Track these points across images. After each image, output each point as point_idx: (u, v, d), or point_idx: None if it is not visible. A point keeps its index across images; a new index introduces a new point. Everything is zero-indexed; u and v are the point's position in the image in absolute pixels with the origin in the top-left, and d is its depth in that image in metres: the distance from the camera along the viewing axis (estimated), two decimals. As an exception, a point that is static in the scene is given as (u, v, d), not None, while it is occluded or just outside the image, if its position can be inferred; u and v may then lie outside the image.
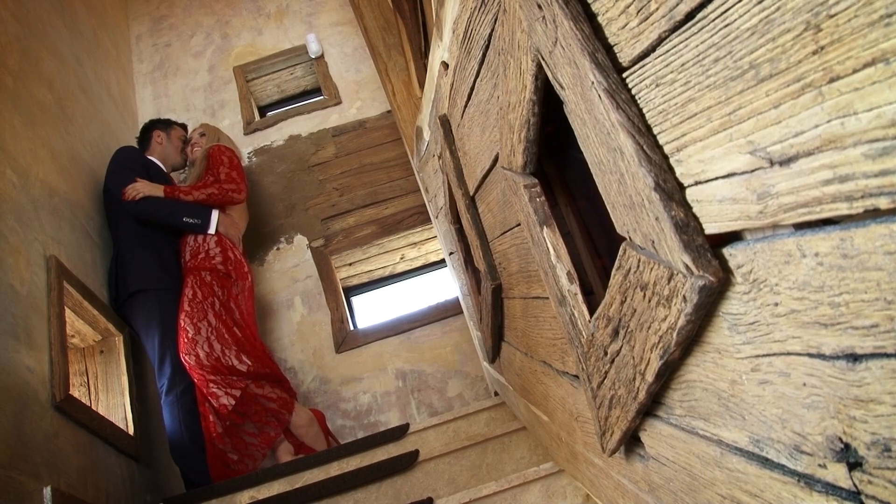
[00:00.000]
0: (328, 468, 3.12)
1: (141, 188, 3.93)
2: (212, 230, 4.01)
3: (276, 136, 5.51)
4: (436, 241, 5.08)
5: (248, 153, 5.34)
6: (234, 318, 3.85)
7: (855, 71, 0.53)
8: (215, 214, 4.06)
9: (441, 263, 5.36)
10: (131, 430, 3.47)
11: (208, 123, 4.85)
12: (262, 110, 6.09)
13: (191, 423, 3.60)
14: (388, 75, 4.66)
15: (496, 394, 3.40)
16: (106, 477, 3.05)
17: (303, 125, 5.53)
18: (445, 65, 2.23)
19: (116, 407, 3.59)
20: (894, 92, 0.50)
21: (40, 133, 3.48)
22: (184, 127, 4.69)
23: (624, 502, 1.43)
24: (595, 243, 1.54)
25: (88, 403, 3.47)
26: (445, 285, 5.37)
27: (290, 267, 5.01)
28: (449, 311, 4.67)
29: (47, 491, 2.35)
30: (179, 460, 3.59)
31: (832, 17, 0.54)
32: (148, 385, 3.89)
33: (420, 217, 4.95)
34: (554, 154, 1.61)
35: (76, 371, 3.62)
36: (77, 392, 3.55)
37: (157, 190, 3.97)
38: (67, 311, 3.22)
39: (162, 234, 4.00)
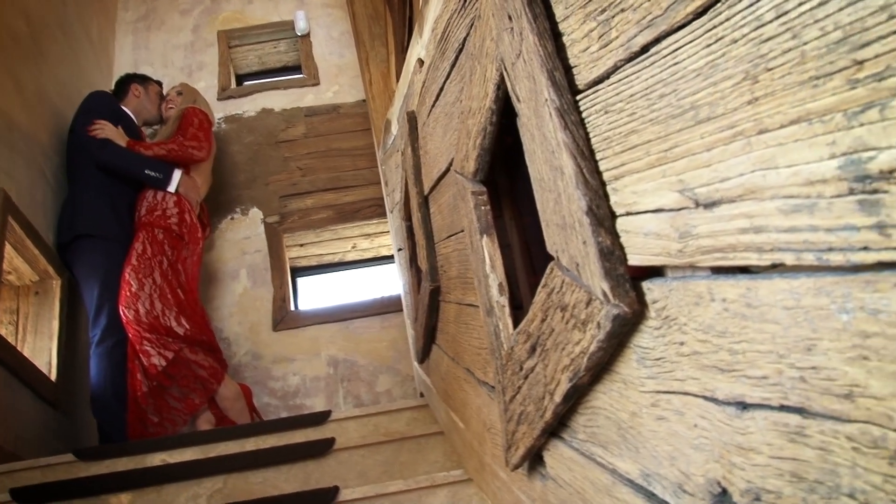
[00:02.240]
0: (244, 442, 3.09)
1: (108, 130, 3.87)
2: (172, 188, 3.95)
3: (249, 106, 5.45)
4: (389, 235, 5.07)
5: (219, 119, 5.28)
6: (179, 281, 3.80)
7: (782, 126, 0.54)
8: (178, 173, 4.00)
9: (391, 258, 5.34)
10: (53, 376, 3.41)
11: (187, 84, 4.78)
12: (240, 79, 6.02)
13: (116, 378, 3.54)
14: (368, 64, 4.65)
15: (422, 395, 3.40)
16: (18, 418, 2.99)
17: (277, 100, 5.48)
18: (421, 62, 2.23)
19: (42, 351, 3.53)
20: (813, 152, 0.51)
21: (8, 63, 3.41)
22: (160, 84, 4.63)
23: (521, 519, 1.44)
24: (533, 260, 1.55)
25: (14, 343, 3.40)
26: (391, 281, 5.36)
27: (241, 238, 4.97)
28: (391, 306, 4.66)
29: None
30: (98, 413, 3.52)
31: (769, 70, 0.55)
32: (80, 335, 3.82)
33: (378, 209, 4.93)
34: (509, 166, 1.62)
35: (7, 308, 3.55)
36: (4, 329, 3.48)
37: (120, 138, 3.91)
38: (7, 247, 3.17)
39: (120, 185, 3.92)
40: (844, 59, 0.48)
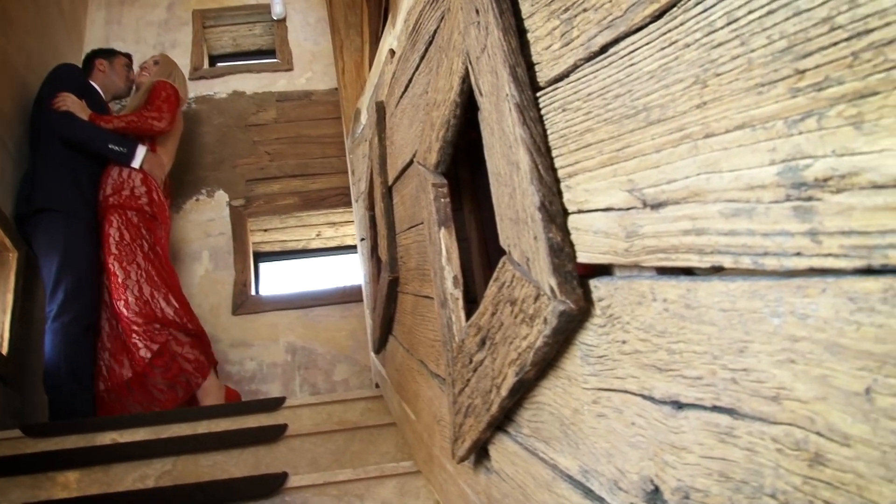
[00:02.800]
0: (197, 425, 3.08)
1: (70, 102, 3.81)
2: (136, 163, 3.89)
3: (220, 87, 5.39)
4: (353, 224, 5.05)
5: (190, 99, 5.22)
6: (160, 261, 3.78)
7: (727, 131, 0.55)
8: (142, 149, 3.95)
9: (355, 248, 5.33)
10: (5, 350, 3.36)
11: (168, 56, 4.71)
12: (213, 60, 5.96)
13: (71, 355, 3.50)
14: (342, 52, 4.63)
15: (377, 385, 3.40)
16: (-36, 392, 2.95)
17: (249, 83, 5.43)
18: (393, 52, 2.23)
19: (-6, 323, 3.48)
20: (754, 158, 0.52)
21: (-29, 29, 3.36)
22: (128, 56, 4.57)
23: (465, 511, 1.45)
24: (490, 254, 1.56)
25: (-34, 313, 3.36)
26: (354, 271, 5.34)
27: (205, 220, 4.92)
28: (352, 296, 4.64)
29: None
30: (50, 390, 3.48)
31: (718, 75, 0.56)
32: (37, 310, 3.77)
33: (344, 198, 4.91)
34: (472, 161, 1.63)
35: (-40, 278, 3.49)
36: (-43, 299, 3.43)
37: (83, 112, 3.85)
38: (-37, 217, 3.11)
39: (83, 160, 3.86)
40: (788, 67, 0.49)
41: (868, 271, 0.44)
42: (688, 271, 0.65)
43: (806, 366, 0.49)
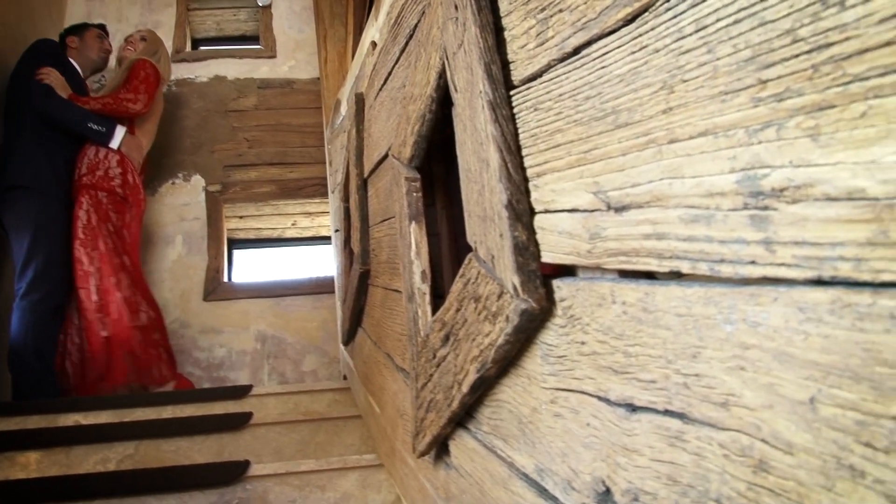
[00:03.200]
0: (162, 410, 3.07)
1: (53, 77, 3.76)
2: (114, 144, 3.85)
3: (202, 71, 5.34)
4: (329, 215, 5.04)
5: (171, 81, 5.17)
6: (124, 246, 3.74)
7: (691, 137, 0.56)
8: (121, 130, 3.90)
9: (329, 239, 5.32)
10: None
11: (155, 33, 4.64)
12: (196, 43, 5.90)
13: (37, 334, 3.47)
14: (326, 42, 4.61)
15: (345, 377, 3.40)
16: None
17: (231, 68, 5.38)
18: (374, 44, 2.23)
19: (-42, 300, 3.45)
20: (715, 165, 0.52)
21: (-53, -2, 3.30)
22: (100, 27, 4.48)
23: (423, 506, 1.45)
24: (460, 251, 1.56)
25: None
26: (328, 262, 5.33)
27: (180, 204, 4.88)
28: (325, 287, 4.63)
29: None
30: (14, 368, 3.44)
31: (685, 82, 0.57)
32: (4, 287, 3.73)
33: (321, 189, 4.89)
34: (446, 157, 1.63)
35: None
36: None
37: (63, 89, 3.80)
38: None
39: (59, 139, 3.80)
40: (751, 77, 0.49)
41: (818, 282, 0.44)
42: (651, 275, 0.65)
43: (755, 373, 0.49)
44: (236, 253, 5.35)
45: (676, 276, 0.60)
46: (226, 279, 4.85)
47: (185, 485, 2.16)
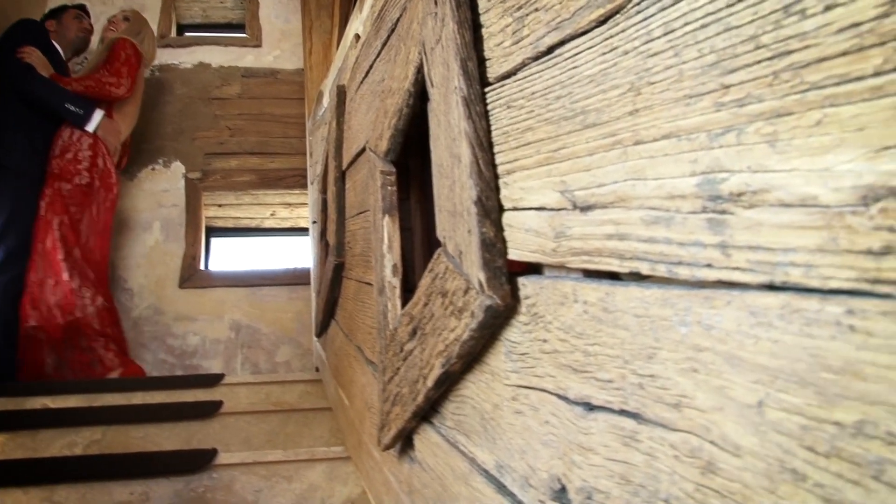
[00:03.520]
0: (132, 396, 3.05)
1: (35, 57, 3.73)
2: (90, 128, 3.81)
3: (186, 57, 5.30)
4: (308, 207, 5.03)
5: (154, 66, 5.12)
6: (77, 239, 3.69)
7: (655, 139, 0.56)
8: (99, 113, 3.87)
9: (308, 231, 5.31)
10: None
11: (139, 13, 4.60)
12: (181, 29, 5.85)
13: (7, 314, 3.44)
14: (311, 33, 4.60)
15: (317, 369, 3.39)
16: None
17: (216, 56, 5.34)
18: (358, 37, 2.22)
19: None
20: (677, 167, 0.53)
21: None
22: (79, 7, 4.43)
23: (387, 500, 1.45)
24: (432, 246, 1.56)
25: None
26: (305, 253, 5.32)
27: (159, 190, 4.85)
28: (301, 279, 4.62)
29: None
30: None
31: (651, 84, 0.57)
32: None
33: (301, 180, 4.88)
34: (423, 153, 1.63)
35: None
36: None
37: (45, 69, 3.77)
38: None
39: (39, 119, 3.77)
40: (714, 81, 0.50)
41: (770, 287, 0.45)
42: (616, 276, 0.65)
43: (707, 376, 0.50)
44: (214, 241, 5.32)
45: (640, 277, 0.60)
46: (202, 267, 4.84)
47: (152, 471, 2.15)
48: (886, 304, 0.37)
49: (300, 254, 5.32)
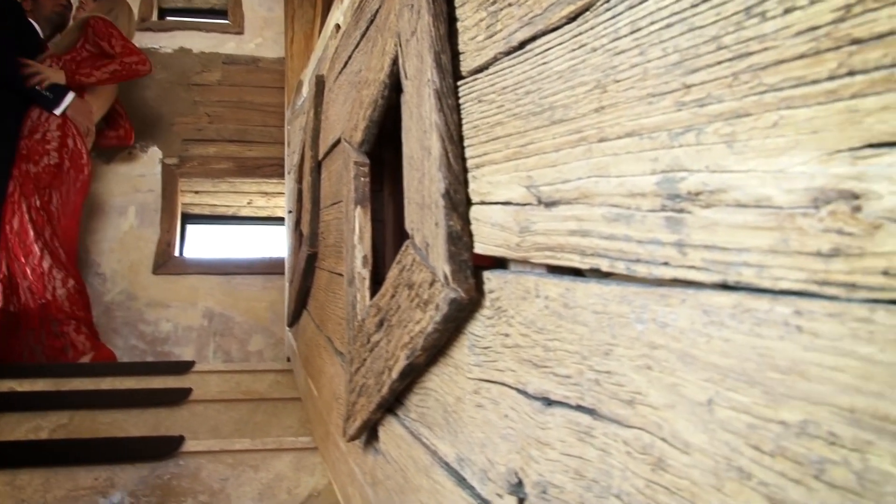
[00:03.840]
0: (101, 381, 3.02)
1: (49, 74, 3.70)
2: (58, 111, 3.77)
3: (167, 42, 5.24)
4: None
5: (133, 49, 5.07)
6: (49, 220, 3.64)
7: (618, 137, 0.56)
8: (69, 97, 3.81)
9: (284, 220, 5.29)
10: None
11: None
12: (163, 12, 5.79)
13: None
14: (294, 22, 4.58)
15: (289, 359, 3.38)
16: None
17: (197, 42, 5.29)
18: (338, 27, 2.21)
19: None
20: (639, 166, 0.53)
21: None
22: None
23: (352, 491, 1.45)
24: (404, 238, 1.56)
25: None
26: (281, 243, 5.30)
27: (135, 175, 4.80)
28: (276, 268, 4.60)
29: None
30: None
31: (617, 82, 0.57)
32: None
33: (279, 169, 4.85)
34: (398, 145, 1.62)
35: None
36: None
37: (58, 76, 3.73)
38: None
39: (11, 98, 3.72)
40: (677, 81, 0.50)
41: (724, 286, 0.45)
42: (580, 272, 0.66)
43: (660, 373, 0.50)
44: (189, 228, 5.29)
45: (604, 273, 0.60)
46: (177, 253, 4.81)
47: (117, 457, 2.14)
48: (833, 305, 0.37)
49: (276, 243, 5.30)
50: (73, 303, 3.62)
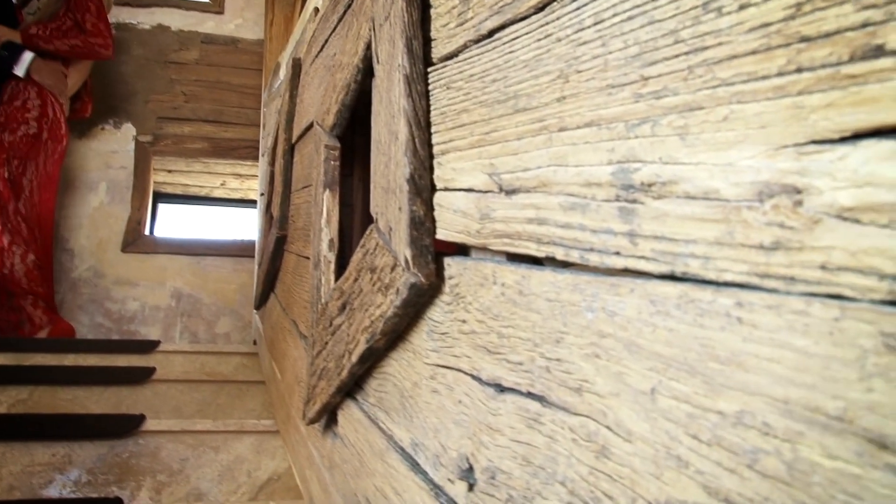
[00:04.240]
0: (64, 357, 3.00)
1: (2, 32, 3.61)
2: (19, 72, 3.66)
3: (145, 18, 5.18)
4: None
5: (111, 24, 5.00)
6: (17, 193, 3.58)
7: (578, 127, 0.56)
8: (28, 55, 3.69)
9: (257, 203, 5.27)
10: None
11: None
12: (142, -12, 5.73)
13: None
14: (274, 4, 4.55)
15: (255, 342, 3.37)
16: None
17: (176, 19, 5.22)
18: (317, 10, 2.20)
19: None
20: (596, 156, 0.53)
21: None
22: None
23: (310, 474, 1.45)
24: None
25: None
26: (253, 226, 5.28)
27: (108, 151, 4.75)
28: (247, 251, 4.58)
29: None
30: None
31: (579, 72, 0.57)
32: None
33: (254, 151, 4.82)
34: (370, 130, 1.62)
35: None
36: None
37: (13, 35, 3.65)
38: None
39: None
40: (635, 73, 0.50)
41: (671, 277, 0.45)
42: (537, 260, 0.66)
43: (607, 361, 0.51)
44: (161, 207, 5.24)
45: (560, 262, 0.61)
46: (147, 232, 4.76)
47: (76, 434, 2.12)
48: (772, 298, 0.38)
49: (248, 226, 5.28)
50: (31, 279, 3.56)
